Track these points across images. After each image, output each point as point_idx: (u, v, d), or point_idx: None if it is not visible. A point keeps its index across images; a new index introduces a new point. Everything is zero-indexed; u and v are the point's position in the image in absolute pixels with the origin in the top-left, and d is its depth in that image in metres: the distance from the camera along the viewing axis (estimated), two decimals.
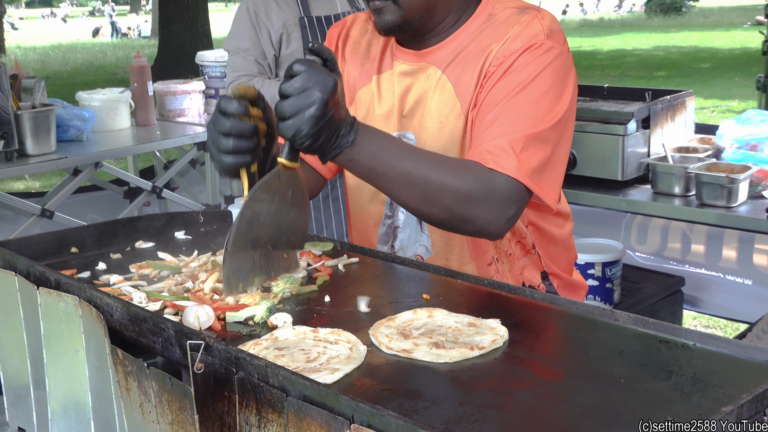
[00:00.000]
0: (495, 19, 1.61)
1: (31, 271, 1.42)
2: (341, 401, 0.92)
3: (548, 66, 1.52)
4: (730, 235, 3.84)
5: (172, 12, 14.38)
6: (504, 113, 1.50)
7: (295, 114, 1.27)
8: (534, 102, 1.50)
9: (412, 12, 1.56)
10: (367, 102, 1.73)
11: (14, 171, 3.42)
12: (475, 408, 0.99)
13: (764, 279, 3.81)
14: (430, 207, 1.45)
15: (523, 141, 1.46)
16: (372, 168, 1.40)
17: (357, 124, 1.38)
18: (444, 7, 1.61)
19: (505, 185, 1.44)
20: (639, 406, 0.99)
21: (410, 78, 1.66)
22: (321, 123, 1.28)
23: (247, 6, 3.21)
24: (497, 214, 1.44)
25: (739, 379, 1.04)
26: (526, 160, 1.45)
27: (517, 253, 1.71)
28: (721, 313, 3.96)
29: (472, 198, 1.42)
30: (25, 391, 1.46)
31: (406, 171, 1.41)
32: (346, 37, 1.80)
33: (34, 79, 3.69)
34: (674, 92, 3.36)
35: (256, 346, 1.17)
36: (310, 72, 1.27)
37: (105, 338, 1.18)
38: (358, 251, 1.61)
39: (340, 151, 1.35)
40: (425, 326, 1.23)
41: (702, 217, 2.99)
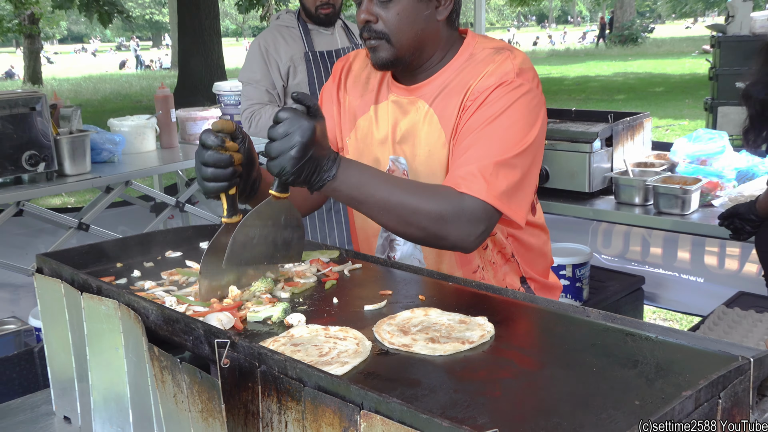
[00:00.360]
0: (474, 59, 1.62)
1: (75, 279, 1.42)
2: (352, 390, 0.93)
3: (517, 100, 1.52)
4: (684, 239, 3.86)
5: (189, 46, 14.35)
6: (476, 142, 1.51)
7: (279, 155, 1.31)
8: (503, 132, 1.50)
9: (402, 50, 1.58)
10: (366, 128, 1.74)
11: (54, 189, 3.42)
12: (467, 395, 1.00)
13: (714, 277, 3.82)
14: (406, 228, 1.47)
15: (492, 167, 1.47)
16: (353, 197, 1.43)
17: (339, 159, 1.41)
18: (431, 47, 1.62)
19: (475, 206, 1.45)
20: (609, 391, 1.00)
21: (402, 110, 1.67)
22: (301, 162, 1.32)
23: (259, 42, 3.22)
24: (467, 231, 1.45)
25: (697, 367, 1.04)
26: (495, 184, 1.46)
27: (499, 262, 1.71)
28: (677, 308, 3.97)
29: (444, 218, 1.44)
30: (70, 385, 1.46)
31: (383, 198, 1.43)
32: (349, 70, 1.81)
33: (71, 108, 3.70)
34: (633, 114, 3.39)
35: (274, 343, 1.18)
36: (292, 119, 1.31)
37: (143, 337, 1.18)
38: (361, 258, 1.61)
39: (323, 184, 1.39)
40: (422, 324, 1.24)
41: (659, 223, 3.01)
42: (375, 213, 1.46)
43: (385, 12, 1.54)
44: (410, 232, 1.48)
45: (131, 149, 4.00)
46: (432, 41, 1.61)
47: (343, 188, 1.41)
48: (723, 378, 0.97)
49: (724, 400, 0.96)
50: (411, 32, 1.57)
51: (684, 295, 3.90)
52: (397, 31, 1.55)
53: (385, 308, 1.33)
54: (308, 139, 1.31)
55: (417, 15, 1.56)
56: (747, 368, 1.01)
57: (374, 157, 1.72)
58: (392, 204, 1.43)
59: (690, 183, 2.94)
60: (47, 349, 1.54)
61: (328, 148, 1.39)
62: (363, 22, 1.56)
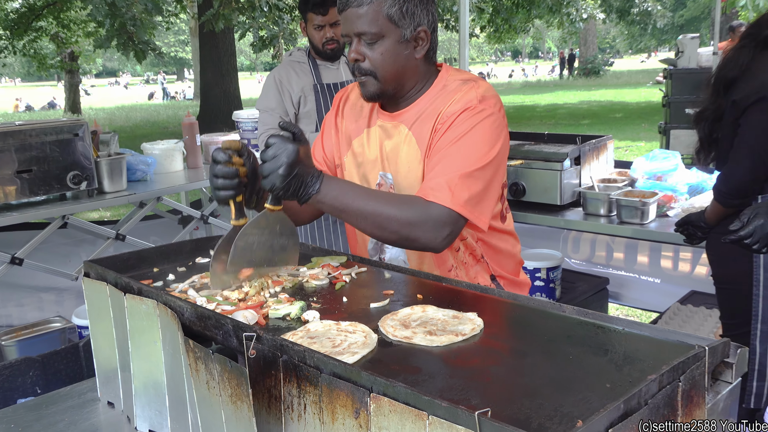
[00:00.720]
0: (446, 89, 1.65)
1: (119, 282, 1.43)
2: (363, 376, 0.94)
3: (480, 123, 1.55)
4: (643, 245, 3.87)
5: (210, 80, 14.37)
6: (444, 158, 1.55)
7: (270, 174, 1.38)
8: (467, 150, 1.54)
9: (387, 84, 1.62)
10: (360, 148, 1.77)
11: (95, 204, 3.41)
12: (461, 380, 1.01)
13: (669, 278, 3.84)
14: (381, 232, 1.51)
15: (457, 179, 1.51)
16: (335, 207, 1.48)
17: (322, 176, 1.46)
18: (411, 80, 1.65)
19: (440, 212, 1.49)
20: (584, 376, 1.00)
21: (387, 133, 1.71)
22: (288, 179, 1.39)
23: (274, 76, 3.23)
24: (434, 234, 1.49)
25: (659, 355, 1.06)
26: (459, 194, 1.50)
27: (470, 262, 1.73)
28: (637, 305, 3.98)
29: (413, 223, 1.47)
30: (114, 374, 1.47)
31: (360, 207, 1.48)
32: (346, 100, 1.84)
33: (109, 134, 3.70)
34: (598, 137, 3.40)
35: (293, 336, 1.18)
36: (279, 143, 1.39)
37: (179, 332, 1.19)
38: (366, 263, 1.62)
39: (309, 197, 1.45)
40: (420, 319, 1.24)
41: (621, 231, 3.01)
42: (354, 220, 1.51)
43: (371, 52, 1.58)
44: (385, 235, 1.52)
45: (161, 169, 4.00)
46: (412, 75, 1.65)
47: (326, 200, 1.47)
48: (682, 364, 0.98)
49: (683, 382, 0.97)
50: (393, 69, 1.61)
51: (643, 294, 3.91)
52: (381, 68, 1.60)
53: (388, 306, 1.34)
54: (293, 159, 1.38)
55: (398, 54, 1.59)
56: (703, 355, 1.02)
57: (367, 173, 1.75)
58: (368, 212, 1.48)
59: (648, 196, 2.96)
60: (93, 343, 1.54)
61: (311, 166, 1.45)
62: (353, 60, 1.61)
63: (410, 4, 1.56)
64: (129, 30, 4.84)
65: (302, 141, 1.43)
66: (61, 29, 16.91)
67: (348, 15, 1.57)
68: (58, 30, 16.97)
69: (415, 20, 1.58)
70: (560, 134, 3.58)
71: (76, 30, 17.32)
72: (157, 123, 18.95)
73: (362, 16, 1.55)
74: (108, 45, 4.98)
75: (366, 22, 1.55)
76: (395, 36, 1.57)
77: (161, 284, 1.52)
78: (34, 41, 16.90)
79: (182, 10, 17.13)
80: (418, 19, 1.58)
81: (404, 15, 1.56)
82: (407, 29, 1.58)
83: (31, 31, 16.03)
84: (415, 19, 1.58)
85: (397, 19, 1.56)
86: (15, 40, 16.14)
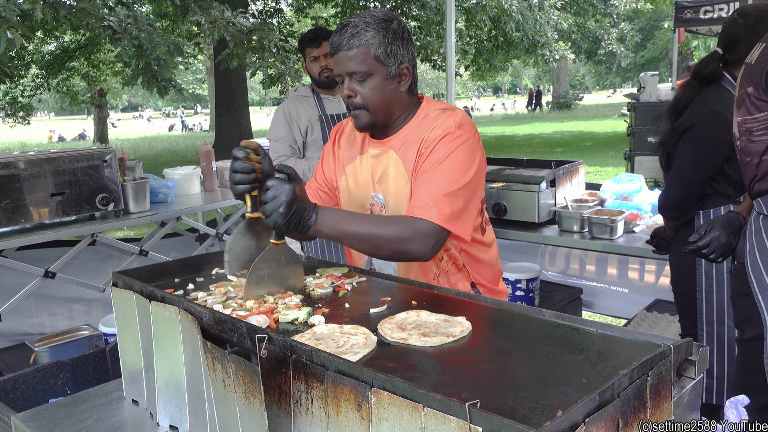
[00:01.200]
0: (428, 117, 1.69)
1: (144, 291, 1.42)
2: (364, 372, 0.93)
3: (458, 147, 1.59)
4: (612, 258, 3.88)
5: (223, 113, 14.40)
6: (427, 180, 1.58)
7: (271, 213, 1.40)
8: (448, 171, 1.57)
9: (377, 115, 1.66)
10: (353, 173, 1.80)
11: (121, 224, 3.40)
12: (452, 376, 1.01)
13: (636, 288, 3.84)
14: (377, 251, 1.54)
15: (441, 197, 1.54)
16: (332, 234, 1.50)
17: (317, 208, 1.48)
18: (397, 110, 1.69)
19: (426, 227, 1.52)
20: (562, 372, 1.00)
21: (377, 159, 1.74)
22: (288, 216, 1.41)
23: (283, 108, 3.24)
24: (422, 246, 1.52)
25: (629, 353, 1.06)
26: (442, 210, 1.53)
27: (452, 270, 1.75)
28: (608, 312, 3.98)
29: (403, 239, 1.50)
30: (138, 374, 1.46)
31: (355, 231, 1.50)
32: (342, 131, 1.88)
33: (134, 161, 3.70)
34: (571, 162, 3.42)
35: (301, 338, 1.18)
36: (277, 185, 1.41)
37: (198, 335, 1.18)
38: (366, 273, 1.62)
39: (308, 229, 1.46)
40: (415, 322, 1.24)
41: (593, 246, 3.02)
42: (351, 243, 1.53)
43: (362, 89, 1.62)
44: (380, 253, 1.55)
45: (181, 192, 4.00)
46: (398, 106, 1.68)
47: (323, 229, 1.48)
48: (650, 360, 0.98)
49: (651, 377, 0.97)
50: (382, 102, 1.64)
51: (613, 302, 3.90)
52: (371, 101, 1.64)
53: (386, 311, 1.34)
54: (290, 198, 1.40)
55: (385, 89, 1.63)
56: (668, 353, 1.02)
57: (360, 195, 1.78)
58: (363, 235, 1.50)
59: (616, 214, 2.97)
60: (120, 346, 1.53)
61: (307, 201, 1.47)
62: (346, 96, 1.65)
63: (393, 45, 1.61)
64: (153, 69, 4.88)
65: (297, 180, 1.44)
66: (92, 69, 16.98)
67: (340, 57, 1.61)
68: (88, 69, 17.04)
69: (398, 59, 1.63)
70: (537, 160, 3.61)
71: (104, 69, 17.39)
72: (177, 152, 18.96)
73: (353, 58, 1.59)
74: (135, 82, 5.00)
75: (356, 63, 1.59)
76: (382, 73, 1.62)
77: (182, 292, 1.51)
78: (67, 80, 16.96)
79: (200, 52, 17.24)
80: (400, 57, 1.63)
81: (389, 55, 1.61)
82: (392, 67, 1.62)
83: (65, 71, 16.10)
84: (398, 57, 1.63)
85: (383, 58, 1.60)
86: (50, 79, 16.20)
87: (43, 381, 1.99)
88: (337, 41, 1.60)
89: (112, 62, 16.70)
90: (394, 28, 1.62)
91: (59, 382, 2.04)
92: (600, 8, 17.04)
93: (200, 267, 1.70)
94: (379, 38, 1.59)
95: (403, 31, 1.64)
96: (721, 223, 1.89)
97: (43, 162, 3.01)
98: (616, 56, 18.02)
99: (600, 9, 17.09)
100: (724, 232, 1.87)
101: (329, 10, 16.44)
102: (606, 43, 17.98)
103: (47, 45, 16.05)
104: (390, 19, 1.63)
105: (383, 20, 1.61)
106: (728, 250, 1.88)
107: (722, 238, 1.86)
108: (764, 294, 1.73)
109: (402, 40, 1.63)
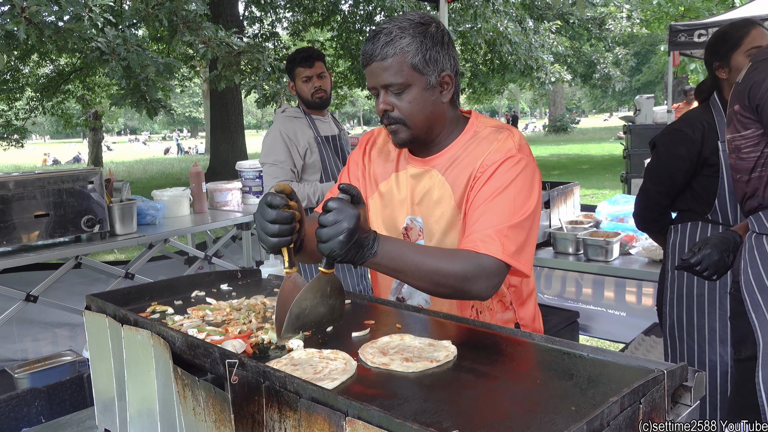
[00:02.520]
0: (479, 136, 1.54)
1: (117, 314, 1.37)
2: (339, 400, 0.89)
3: (520, 173, 1.45)
4: (609, 281, 3.84)
5: (219, 136, 14.45)
6: (489, 210, 1.42)
7: (329, 240, 1.21)
8: (511, 200, 1.42)
9: (417, 130, 1.50)
10: (387, 192, 1.66)
11: (107, 246, 3.36)
12: (435, 403, 0.96)
13: (634, 311, 3.79)
14: (437, 288, 1.36)
15: (506, 230, 1.39)
16: (392, 267, 1.32)
17: (378, 237, 1.31)
18: (439, 126, 1.55)
19: (491, 264, 1.36)
20: (550, 399, 0.96)
21: (419, 178, 1.59)
22: (348, 245, 1.22)
23: (280, 130, 3.11)
24: (486, 285, 1.36)
25: (620, 378, 1.02)
26: (507, 245, 1.39)
27: (497, 308, 1.61)
28: (605, 337, 3.93)
29: (468, 277, 1.35)
30: (111, 402, 1.40)
31: (417, 266, 1.32)
32: (374, 143, 1.73)
33: (122, 182, 3.67)
34: (565, 183, 3.40)
35: (277, 364, 1.13)
36: (340, 208, 1.22)
37: (169, 360, 1.14)
38: (351, 295, 1.57)
39: (365, 260, 1.29)
40: (398, 346, 1.20)
41: (588, 268, 2.99)
42: (410, 279, 1.35)
43: (399, 101, 1.47)
44: (440, 291, 1.37)
45: (170, 214, 3.96)
46: (440, 120, 1.53)
47: (382, 262, 1.31)
48: (642, 386, 0.94)
49: (644, 404, 0.92)
50: (422, 115, 1.49)
51: (610, 326, 3.86)
52: (410, 116, 1.48)
53: (368, 334, 1.29)
54: (354, 225, 1.22)
55: (425, 101, 1.48)
56: (662, 379, 0.98)
57: (394, 216, 1.63)
58: (424, 271, 1.33)
59: (611, 236, 2.94)
60: (93, 373, 1.48)
61: (369, 230, 1.29)
62: (382, 111, 1.50)
63: (432, 51, 1.46)
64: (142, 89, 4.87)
65: (360, 202, 1.28)
66: (87, 92, 17.06)
67: (373, 69, 1.47)
68: (84, 93, 17.11)
69: (439, 66, 1.47)
70: None
71: (100, 92, 17.48)
72: (171, 174, 18.98)
73: (387, 69, 1.44)
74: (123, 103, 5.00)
75: (391, 74, 1.45)
76: (421, 84, 1.47)
77: (158, 316, 1.46)
78: (62, 102, 17.02)
79: (196, 75, 17.34)
80: (441, 64, 1.48)
81: (428, 62, 1.46)
82: (432, 75, 1.47)
83: (60, 94, 16.16)
84: (438, 65, 1.47)
85: (421, 67, 1.45)
86: (44, 102, 16.25)
87: (16, 409, 1.92)
88: (369, 50, 1.46)
89: (107, 85, 16.79)
90: (432, 32, 1.47)
91: (33, 410, 1.96)
92: (595, 32, 17.25)
93: (180, 289, 1.65)
94: (417, 44, 1.44)
95: (443, 34, 1.49)
96: (715, 241, 1.88)
97: (27, 183, 2.98)
98: (611, 80, 18.18)
99: (595, 33, 17.29)
100: (717, 250, 1.85)
101: (325, 34, 16.61)
102: (601, 66, 18.15)
103: (42, 68, 16.13)
104: (427, 22, 1.48)
105: (420, 24, 1.46)
106: (722, 267, 1.86)
107: (714, 255, 1.84)
108: (757, 312, 1.71)
109: (442, 45, 1.48)
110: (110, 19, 5.49)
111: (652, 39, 26.53)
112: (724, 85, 2.26)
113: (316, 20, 15.02)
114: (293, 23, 15.89)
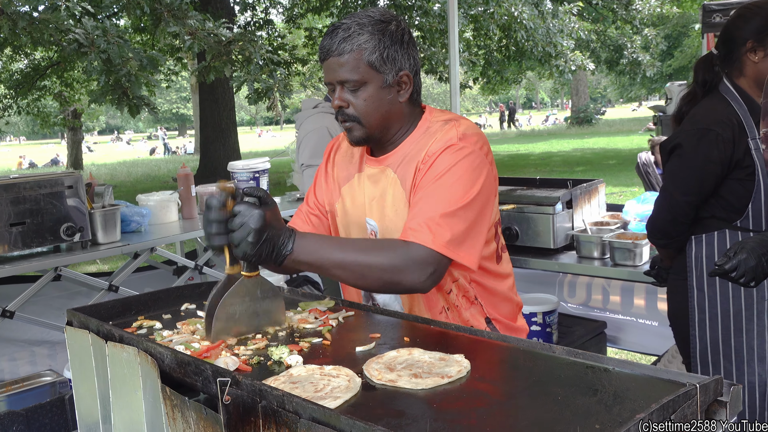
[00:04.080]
0: (429, 130, 1.64)
1: (101, 330, 1.39)
2: (341, 420, 0.90)
3: (459, 161, 1.53)
4: (639, 288, 3.82)
5: (209, 134, 14.51)
6: (424, 198, 1.52)
7: (240, 243, 1.36)
8: (447, 188, 1.51)
9: (372, 129, 1.62)
10: (349, 195, 1.75)
11: (88, 256, 3.38)
12: (445, 423, 0.97)
13: (666, 321, 3.76)
14: (363, 281, 1.47)
15: (438, 218, 1.47)
16: (312, 263, 1.44)
17: (294, 234, 1.43)
18: (396, 124, 1.65)
19: (422, 253, 1.44)
20: (572, 417, 0.97)
21: (374, 179, 1.70)
22: (259, 245, 1.36)
23: (327, 128, 3.08)
24: (418, 275, 1.44)
25: (649, 394, 1.02)
26: (440, 233, 1.46)
27: (464, 304, 1.68)
28: (635, 349, 3.91)
29: (397, 269, 1.44)
30: (95, 425, 1.42)
31: (339, 260, 1.44)
32: (338, 148, 1.84)
33: (104, 186, 3.70)
34: (589, 181, 3.40)
35: (275, 381, 1.14)
36: (244, 211, 1.36)
37: (157, 380, 1.15)
38: (354, 306, 1.59)
39: (283, 259, 1.42)
40: (406, 361, 1.21)
41: (616, 274, 2.98)
42: (334, 274, 1.47)
43: (354, 99, 1.58)
44: (367, 284, 1.49)
45: (156, 220, 3.98)
46: (397, 119, 1.64)
47: (301, 258, 1.43)
48: (672, 402, 0.94)
49: (674, 421, 0.93)
50: (377, 114, 1.60)
51: (641, 337, 3.84)
52: (365, 114, 1.59)
53: (374, 349, 1.31)
54: (260, 224, 1.35)
55: (381, 99, 1.59)
56: (694, 393, 0.98)
57: (358, 219, 1.73)
58: (347, 263, 1.44)
59: (640, 238, 2.94)
60: (75, 394, 1.50)
61: (281, 228, 1.41)
62: (337, 107, 1.60)
63: (390, 49, 1.56)
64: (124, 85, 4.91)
65: (269, 204, 1.40)
66: (65, 88, 17.17)
67: (330, 64, 1.57)
68: (61, 89, 17.23)
69: (397, 65, 1.58)
70: (552, 179, 3.59)
71: (79, 88, 17.59)
72: (158, 177, 19.05)
73: (344, 65, 1.55)
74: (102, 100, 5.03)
75: (347, 70, 1.55)
76: (377, 82, 1.57)
77: (145, 331, 1.48)
78: (38, 100, 17.14)
79: (183, 68, 17.43)
80: (399, 63, 1.59)
81: (385, 61, 1.56)
82: (389, 74, 1.58)
83: (35, 90, 16.27)
84: (396, 64, 1.58)
85: (378, 65, 1.56)
86: (19, 99, 16.37)
87: None
88: (327, 45, 1.56)
89: (87, 81, 16.90)
90: (391, 31, 1.57)
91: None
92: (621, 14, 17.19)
93: (168, 302, 1.67)
94: (374, 42, 1.55)
95: (402, 33, 1.60)
96: (752, 245, 1.86)
97: (0, 188, 3.01)
98: (640, 65, 18.10)
99: (621, 15, 17.23)
100: (754, 255, 1.84)
101: (324, 20, 16.67)
102: (629, 51, 18.09)
103: (16, 63, 16.25)
104: (387, 19, 1.58)
105: (380, 21, 1.57)
106: (760, 273, 1.85)
107: (751, 261, 1.83)
108: None
109: (401, 44, 1.59)
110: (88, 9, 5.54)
111: (684, 20, 26.43)
112: (746, 70, 2.15)
113: (314, 5, 15.07)
114: (288, 8, 15.96)
